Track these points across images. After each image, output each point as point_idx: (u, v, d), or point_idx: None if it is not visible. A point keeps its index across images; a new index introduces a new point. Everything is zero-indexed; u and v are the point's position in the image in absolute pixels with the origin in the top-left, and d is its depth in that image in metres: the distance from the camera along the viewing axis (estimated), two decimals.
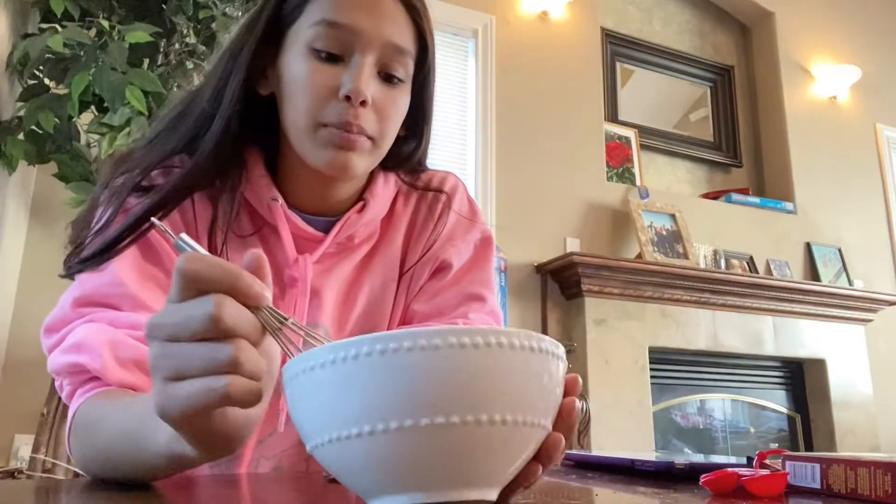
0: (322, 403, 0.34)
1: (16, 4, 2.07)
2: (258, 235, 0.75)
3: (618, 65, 3.78)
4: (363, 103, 0.67)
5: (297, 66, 0.68)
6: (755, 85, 4.16)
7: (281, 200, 0.73)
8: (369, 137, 0.69)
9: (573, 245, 3.18)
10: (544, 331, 3.00)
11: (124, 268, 0.64)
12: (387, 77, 0.70)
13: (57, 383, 0.63)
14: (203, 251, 0.41)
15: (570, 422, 0.40)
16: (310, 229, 0.75)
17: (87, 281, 0.64)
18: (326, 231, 0.76)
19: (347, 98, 0.66)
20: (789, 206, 3.82)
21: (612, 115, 3.65)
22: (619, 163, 3.55)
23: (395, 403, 0.33)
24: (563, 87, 3.42)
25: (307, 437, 0.37)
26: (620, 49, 3.79)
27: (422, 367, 0.33)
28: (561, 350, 0.38)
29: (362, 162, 0.70)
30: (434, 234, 0.81)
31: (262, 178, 0.73)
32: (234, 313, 0.37)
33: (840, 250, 3.87)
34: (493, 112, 3.22)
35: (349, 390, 0.33)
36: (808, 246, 3.81)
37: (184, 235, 0.42)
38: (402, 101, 0.72)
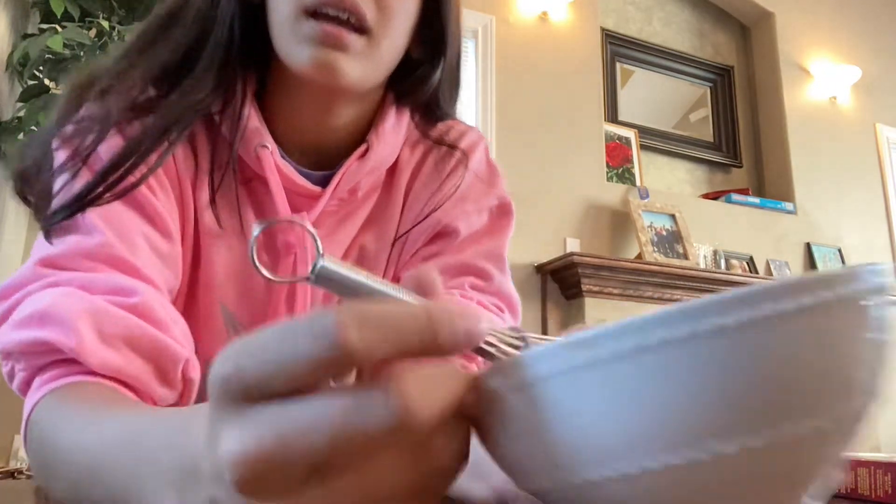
0: (626, 415, 0.22)
1: (16, 5, 2.07)
2: (247, 191, 0.63)
3: (618, 65, 3.77)
4: None
5: None
6: (755, 85, 4.16)
7: (272, 147, 0.61)
8: (364, 30, 0.57)
9: (573, 245, 3.18)
10: (544, 332, 3.00)
11: (106, 223, 0.52)
12: None
13: (5, 369, 0.48)
14: (357, 276, 0.25)
15: None
16: (306, 183, 0.63)
17: (63, 241, 0.51)
18: (325, 186, 0.64)
19: None
20: (789, 206, 3.82)
21: (612, 116, 3.65)
22: (619, 163, 3.54)
23: (738, 411, 0.22)
24: (563, 87, 3.42)
25: (583, 466, 0.23)
26: (620, 49, 3.79)
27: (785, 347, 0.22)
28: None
29: (355, 65, 0.57)
30: (439, 194, 0.68)
31: (252, 119, 0.61)
32: (430, 397, 0.21)
33: (840, 250, 3.87)
34: (492, 112, 3.22)
35: (668, 392, 0.22)
36: (808, 246, 3.81)
37: (328, 259, 0.25)
38: None
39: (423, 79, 0.66)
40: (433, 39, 0.65)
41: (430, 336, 0.22)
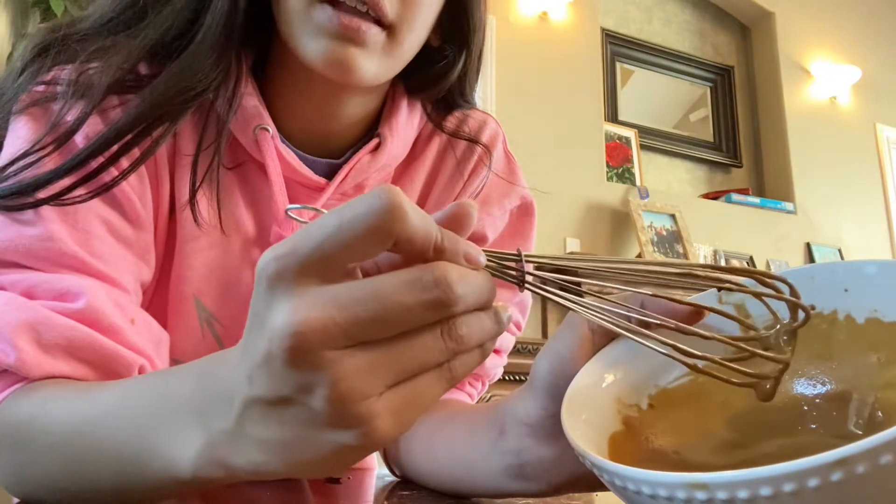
0: None
1: (16, 5, 2.07)
2: (236, 175, 0.57)
3: (618, 65, 3.77)
4: None
5: None
6: (755, 85, 4.15)
7: (273, 130, 0.56)
8: (385, 25, 0.51)
9: (573, 245, 3.18)
10: (544, 331, 3.00)
11: (54, 207, 0.45)
12: None
13: None
14: None
15: None
16: (309, 173, 0.57)
17: (2, 229, 0.45)
18: (329, 177, 0.58)
19: None
20: (789, 206, 3.82)
21: (612, 115, 3.64)
22: (619, 163, 3.54)
23: None
24: (563, 87, 3.41)
25: None
26: (620, 49, 3.79)
27: None
28: None
29: (371, 62, 0.52)
30: (462, 195, 0.64)
31: (250, 98, 0.55)
32: (463, 283, 0.26)
33: (840, 250, 3.87)
34: (492, 112, 3.22)
35: None
36: (807, 246, 3.80)
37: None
38: None
39: (443, 72, 0.60)
40: (457, 28, 0.59)
41: (441, 243, 0.26)
